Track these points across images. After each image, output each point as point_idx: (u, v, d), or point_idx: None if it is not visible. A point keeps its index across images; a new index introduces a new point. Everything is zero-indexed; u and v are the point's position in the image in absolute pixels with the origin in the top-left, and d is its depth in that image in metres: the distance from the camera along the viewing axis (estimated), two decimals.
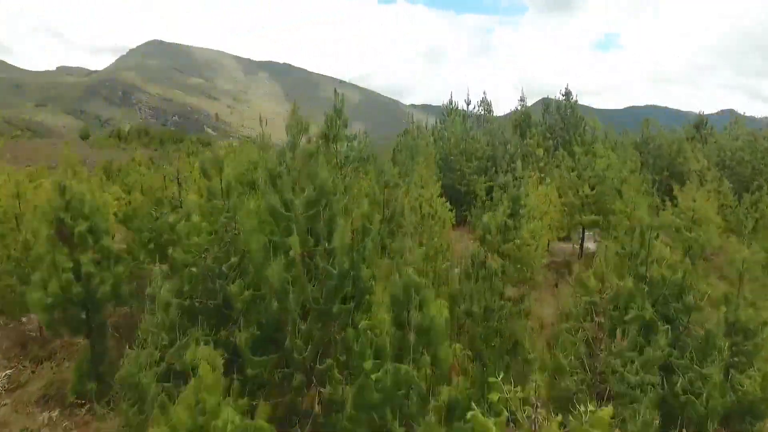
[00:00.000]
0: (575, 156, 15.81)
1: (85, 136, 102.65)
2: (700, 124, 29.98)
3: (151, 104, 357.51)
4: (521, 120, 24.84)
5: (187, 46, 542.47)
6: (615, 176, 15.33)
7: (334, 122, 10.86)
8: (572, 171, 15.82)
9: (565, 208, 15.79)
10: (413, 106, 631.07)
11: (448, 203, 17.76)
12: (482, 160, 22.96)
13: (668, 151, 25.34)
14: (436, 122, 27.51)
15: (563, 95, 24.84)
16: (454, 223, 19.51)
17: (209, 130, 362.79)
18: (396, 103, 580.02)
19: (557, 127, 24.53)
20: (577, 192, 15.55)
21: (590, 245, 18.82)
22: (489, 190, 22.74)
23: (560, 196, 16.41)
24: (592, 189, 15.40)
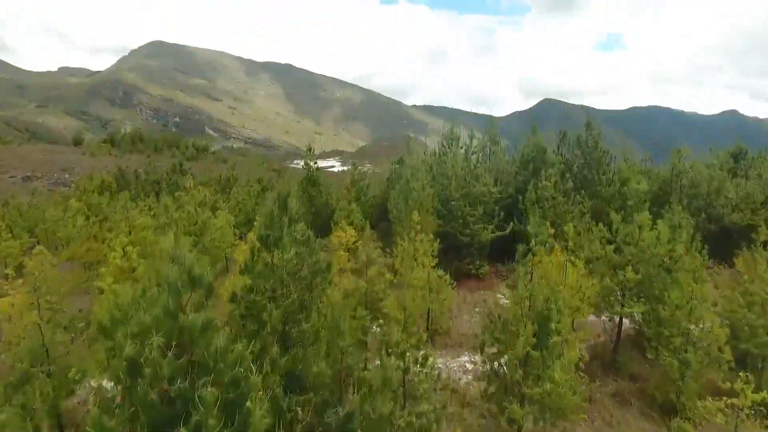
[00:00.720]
0: (612, 225, 12.10)
1: (77, 142, 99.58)
2: (738, 153, 26.19)
3: (152, 105, 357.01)
4: (533, 155, 21.10)
5: (189, 47, 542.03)
6: (664, 253, 11.65)
7: (276, 221, 7.28)
8: (609, 244, 12.14)
9: (599, 291, 12.12)
10: (415, 106, 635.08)
11: (448, 277, 14.23)
12: (489, 205, 19.36)
13: (705, 189, 21.59)
14: (436, 150, 23.76)
15: (584, 126, 21.01)
16: (455, 283, 15.95)
17: (210, 132, 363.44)
18: (398, 103, 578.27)
19: (577, 163, 20.84)
20: (615, 273, 11.86)
21: (627, 321, 15.09)
22: (496, 242, 19.17)
23: (588, 268, 12.75)
24: (635, 269, 11.70)
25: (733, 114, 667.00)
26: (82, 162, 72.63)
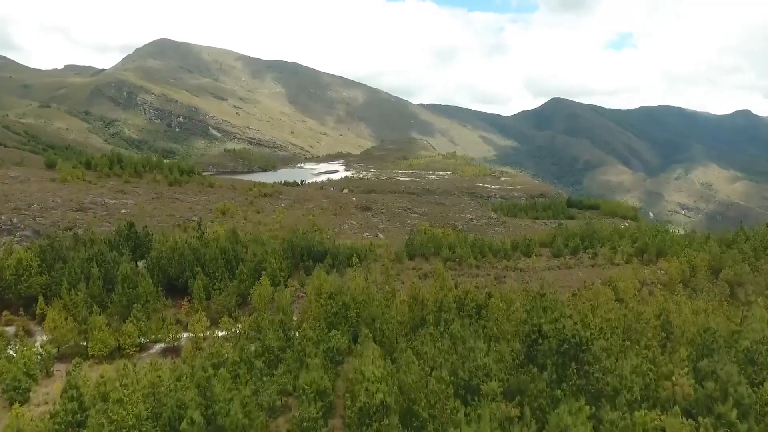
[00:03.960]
0: None
1: (51, 164, 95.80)
2: None
3: (155, 105, 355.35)
4: None
5: (195, 45, 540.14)
6: None
7: None
8: None
9: None
10: (422, 105, 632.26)
11: None
12: None
13: None
14: None
15: None
16: None
17: (214, 132, 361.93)
18: (404, 102, 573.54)
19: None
20: None
21: None
22: None
23: None
24: None
25: (745, 114, 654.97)
26: (45, 195, 67.95)
